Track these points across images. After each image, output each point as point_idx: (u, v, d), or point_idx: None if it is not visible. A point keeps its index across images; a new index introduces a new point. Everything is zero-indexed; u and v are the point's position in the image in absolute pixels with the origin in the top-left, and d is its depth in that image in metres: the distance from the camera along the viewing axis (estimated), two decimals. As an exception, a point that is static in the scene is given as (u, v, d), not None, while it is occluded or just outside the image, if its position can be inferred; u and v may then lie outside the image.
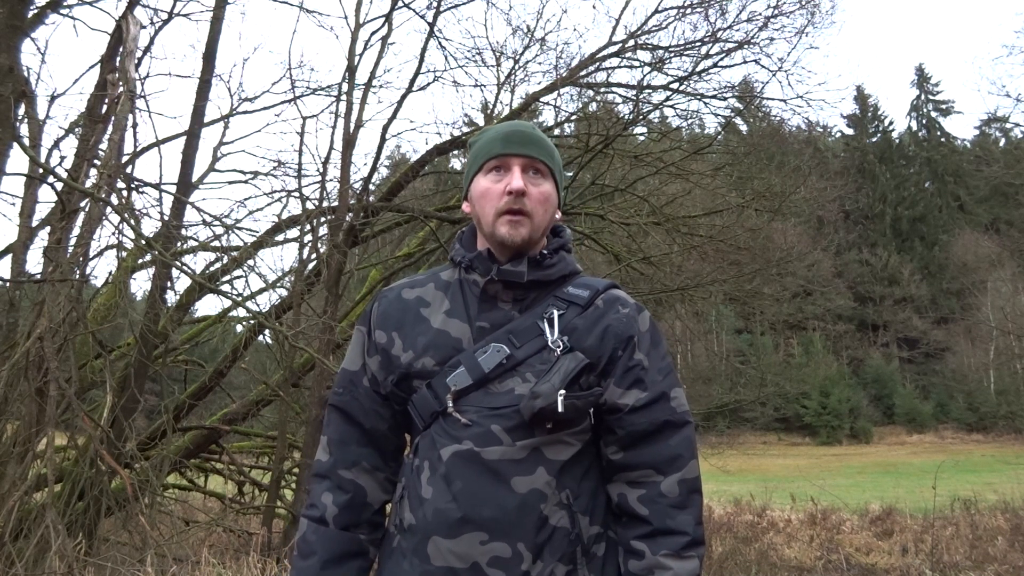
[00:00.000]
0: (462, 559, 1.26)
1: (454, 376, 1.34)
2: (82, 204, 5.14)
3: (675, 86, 8.12)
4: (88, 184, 5.05)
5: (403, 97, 6.92)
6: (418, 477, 1.34)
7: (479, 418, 1.31)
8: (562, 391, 1.27)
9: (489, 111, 8.44)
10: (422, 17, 6.98)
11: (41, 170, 4.89)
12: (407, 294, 1.46)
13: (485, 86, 9.06)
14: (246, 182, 7.66)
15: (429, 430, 1.36)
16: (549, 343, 1.34)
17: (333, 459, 1.43)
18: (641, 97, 8.03)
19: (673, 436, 1.37)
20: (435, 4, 6.90)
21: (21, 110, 4.85)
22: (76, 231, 5.20)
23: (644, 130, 9.46)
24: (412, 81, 6.91)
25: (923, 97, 57.35)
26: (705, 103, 8.44)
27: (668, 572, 1.29)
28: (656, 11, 8.00)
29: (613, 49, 8.17)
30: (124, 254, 5.38)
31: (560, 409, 1.27)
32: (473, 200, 1.44)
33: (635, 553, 1.32)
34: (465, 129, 8.75)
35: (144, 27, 5.83)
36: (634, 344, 1.39)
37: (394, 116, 6.95)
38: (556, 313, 1.37)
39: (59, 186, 4.86)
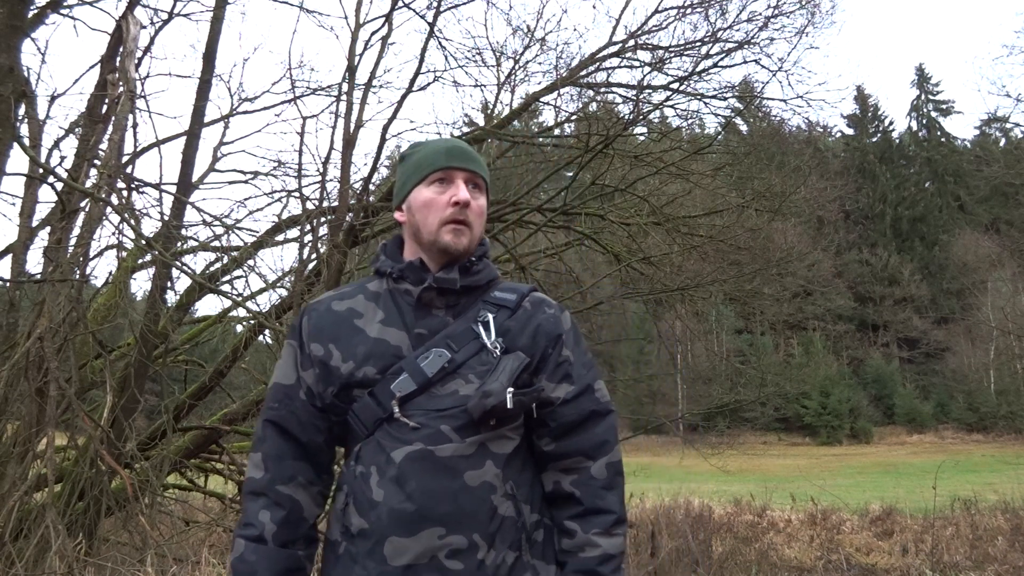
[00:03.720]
0: (422, 555, 1.32)
1: (398, 382, 1.39)
2: (82, 204, 5.14)
3: (675, 86, 8.11)
4: (88, 184, 5.04)
5: (403, 97, 6.90)
6: (365, 482, 1.38)
7: (427, 420, 1.37)
8: (510, 389, 1.36)
9: (489, 111, 8.43)
10: (422, 17, 6.97)
11: (41, 170, 4.89)
12: (337, 306, 1.50)
13: (485, 86, 9.04)
14: (246, 182, 7.65)
15: (373, 436, 1.40)
16: (488, 345, 1.42)
17: (270, 475, 1.44)
18: (641, 97, 8.02)
19: (599, 424, 1.48)
20: (435, 4, 6.88)
21: (21, 110, 4.84)
22: (76, 231, 5.20)
23: (644, 130, 9.46)
24: (412, 81, 6.89)
25: (923, 97, 57.35)
26: (705, 103, 8.44)
27: (598, 549, 1.41)
28: (656, 11, 8.00)
29: (613, 49, 8.17)
30: (124, 254, 5.38)
31: (509, 406, 1.35)
32: (414, 209, 1.50)
33: (568, 532, 1.44)
34: (465, 129, 8.75)
35: (144, 27, 5.83)
36: (562, 342, 1.49)
37: (394, 116, 6.94)
38: (490, 316, 1.44)
39: (59, 186, 4.86)
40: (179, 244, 5.70)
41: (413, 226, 1.50)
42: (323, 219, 6.52)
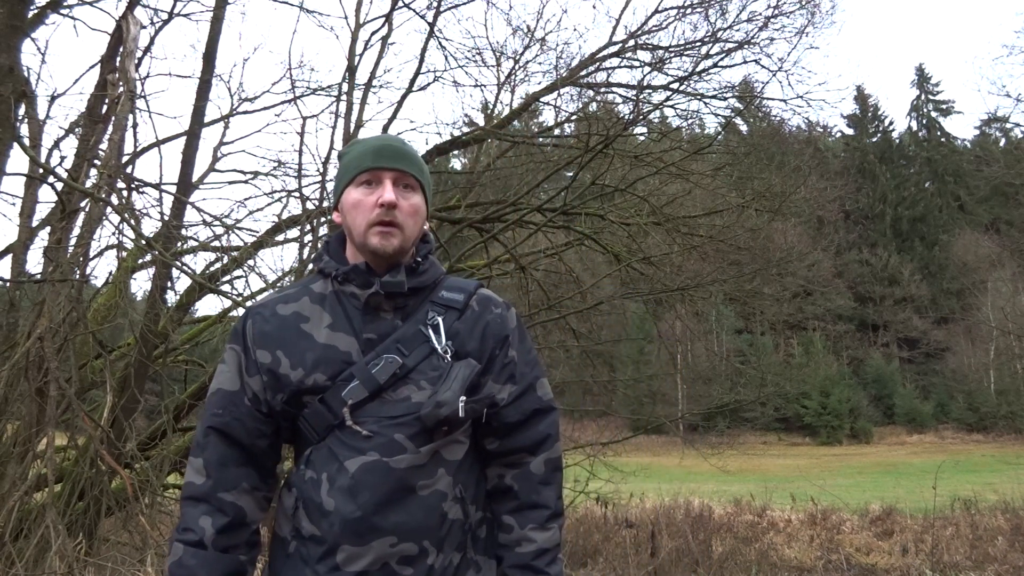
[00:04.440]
0: (374, 562, 1.32)
1: (349, 390, 1.37)
2: (82, 204, 5.13)
3: (675, 86, 8.13)
4: (88, 184, 5.04)
5: (403, 97, 6.93)
6: (315, 490, 1.37)
7: (380, 428, 1.36)
8: (463, 397, 1.36)
9: (489, 111, 8.43)
10: (422, 17, 6.98)
11: (41, 170, 4.89)
12: (282, 310, 1.47)
13: (485, 86, 9.09)
14: (246, 182, 7.65)
15: (324, 442, 1.39)
16: (438, 349, 1.41)
17: (212, 481, 1.41)
18: (641, 97, 8.03)
19: (541, 422, 1.50)
20: (435, 4, 6.90)
21: (21, 110, 4.84)
22: (76, 231, 5.20)
23: (644, 130, 9.46)
24: (412, 81, 6.92)
25: (923, 97, 57.33)
26: (705, 103, 8.45)
27: (533, 544, 1.43)
28: (656, 11, 8.03)
29: (613, 49, 8.18)
30: (124, 254, 5.37)
31: (462, 415, 1.36)
32: (344, 211, 1.48)
33: (504, 527, 1.47)
34: (465, 129, 8.75)
35: (144, 27, 5.83)
36: (509, 343, 1.50)
37: (394, 116, 6.97)
38: (439, 319, 1.43)
39: (59, 186, 4.86)
40: (179, 244, 5.70)
41: (347, 228, 1.48)
42: (323, 219, 6.52)
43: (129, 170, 5.45)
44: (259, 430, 1.45)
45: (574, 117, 8.56)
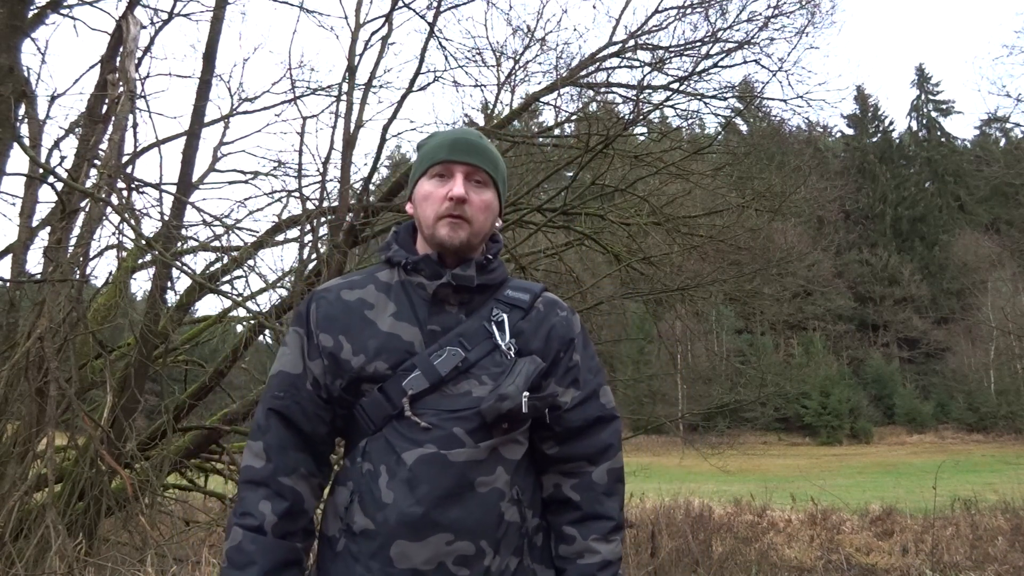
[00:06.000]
0: (429, 560, 1.29)
1: (410, 380, 1.35)
2: (82, 204, 5.13)
3: (675, 86, 8.12)
4: (88, 184, 5.04)
5: (403, 97, 6.91)
6: (374, 481, 1.34)
7: (439, 421, 1.34)
8: (526, 393, 1.34)
9: (489, 111, 8.42)
10: (422, 17, 6.97)
11: (41, 170, 4.89)
12: (347, 295, 1.46)
13: (485, 86, 9.05)
14: (246, 182, 7.65)
15: (381, 433, 1.37)
16: (502, 346, 1.39)
17: (273, 465, 1.39)
18: (641, 97, 8.02)
19: (604, 430, 1.47)
20: (435, 4, 6.89)
21: (21, 110, 4.84)
22: (76, 231, 5.20)
23: (644, 130, 9.46)
24: (412, 81, 6.90)
25: (923, 97, 57.37)
26: (705, 103, 8.44)
27: (597, 556, 1.40)
28: (656, 11, 8.01)
29: (613, 49, 8.17)
30: (124, 254, 5.37)
31: (524, 410, 1.33)
32: (416, 202, 1.47)
33: (566, 538, 1.43)
34: (465, 129, 8.72)
35: (144, 27, 5.83)
36: (574, 346, 1.48)
37: (394, 116, 6.95)
38: (504, 316, 1.42)
39: (59, 186, 4.86)
40: (179, 244, 5.69)
41: (417, 219, 1.47)
42: (323, 219, 6.52)
43: (129, 170, 5.45)
44: (319, 416, 1.42)
45: (574, 117, 8.55)
